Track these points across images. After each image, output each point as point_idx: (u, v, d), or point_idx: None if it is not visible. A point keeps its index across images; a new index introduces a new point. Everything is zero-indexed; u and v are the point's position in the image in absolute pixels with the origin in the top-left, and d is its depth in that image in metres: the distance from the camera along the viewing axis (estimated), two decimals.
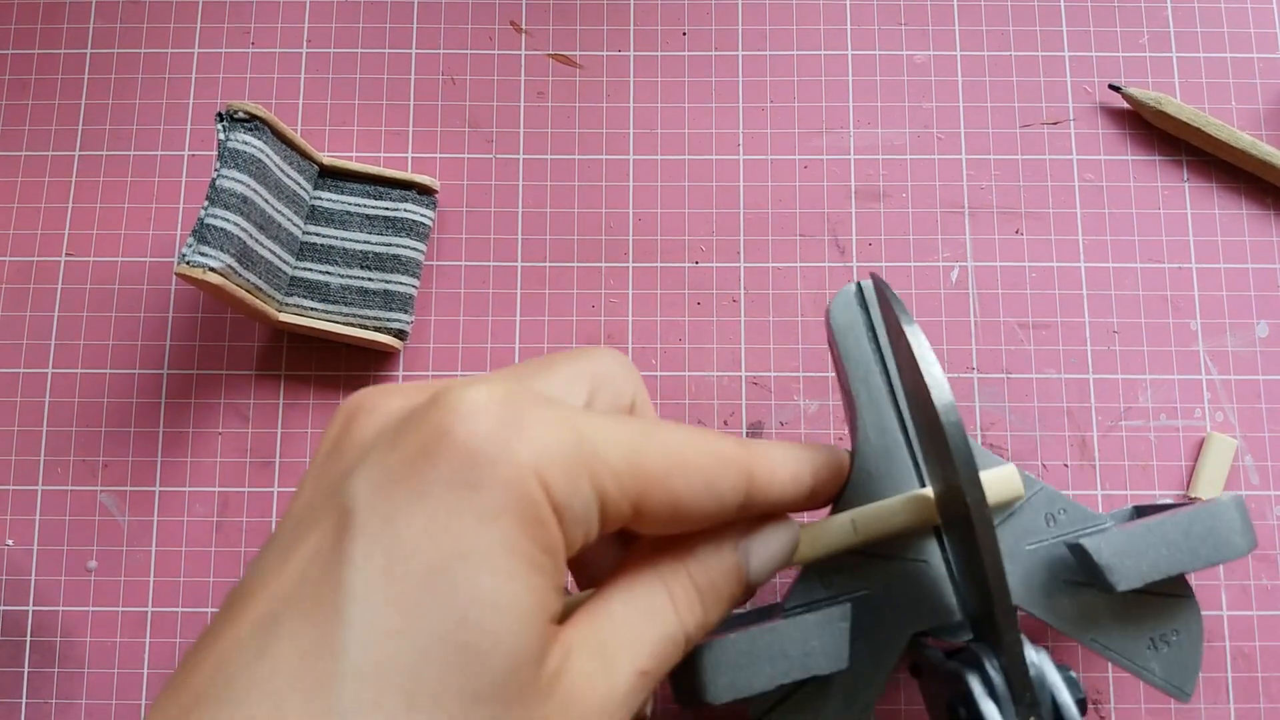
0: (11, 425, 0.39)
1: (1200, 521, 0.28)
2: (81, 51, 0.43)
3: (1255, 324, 0.40)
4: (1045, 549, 0.29)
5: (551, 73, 0.42)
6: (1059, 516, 0.30)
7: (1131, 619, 0.29)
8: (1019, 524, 0.29)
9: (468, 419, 0.19)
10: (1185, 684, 0.29)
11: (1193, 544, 0.28)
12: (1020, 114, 0.42)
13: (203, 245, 0.35)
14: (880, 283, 0.27)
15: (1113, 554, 0.27)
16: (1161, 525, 0.28)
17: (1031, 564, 0.29)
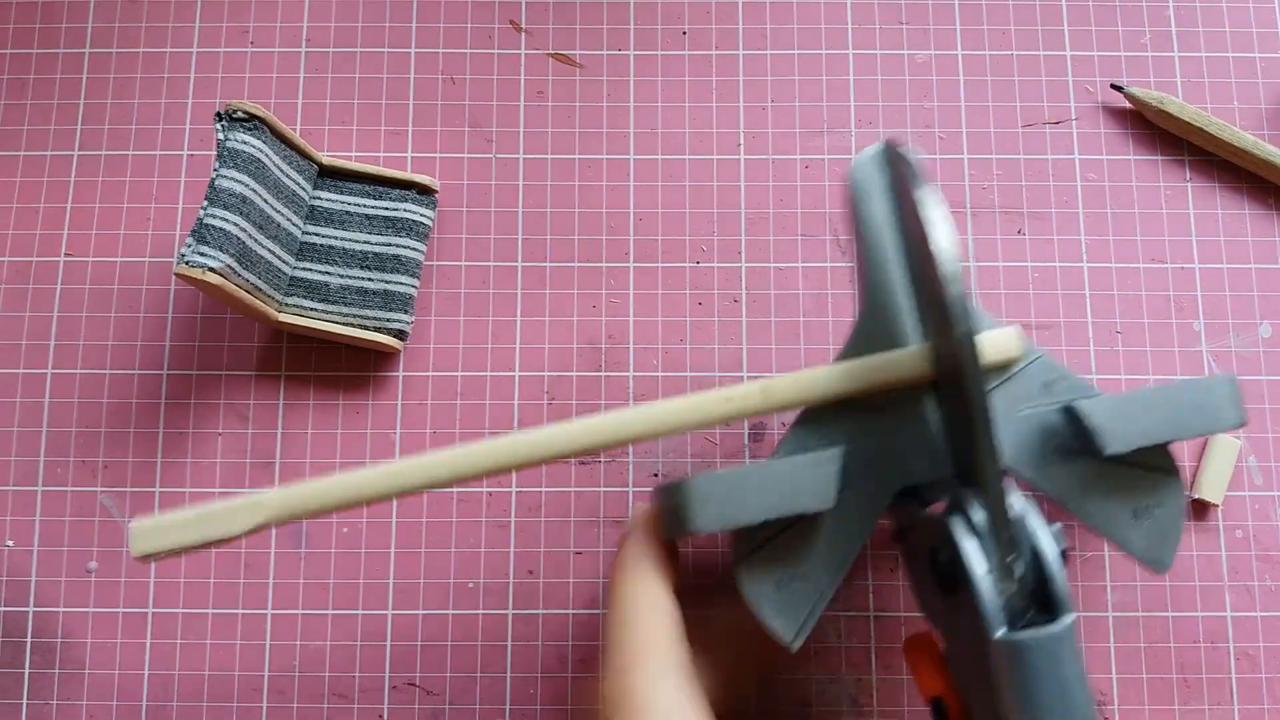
0: (11, 426, 0.39)
1: (1192, 392, 0.29)
2: (80, 51, 0.42)
3: (1259, 324, 0.39)
4: (1039, 415, 0.29)
5: (551, 72, 0.42)
6: (1055, 386, 0.30)
7: (1116, 490, 0.29)
8: (1014, 389, 0.30)
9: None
10: (1164, 555, 0.29)
11: (1183, 413, 0.28)
12: (1022, 113, 0.41)
13: (202, 245, 0.34)
14: (894, 144, 0.27)
15: (1105, 417, 0.28)
16: (1155, 393, 0.28)
17: (1024, 429, 0.29)
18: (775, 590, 0.28)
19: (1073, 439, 0.29)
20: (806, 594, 0.28)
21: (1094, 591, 0.37)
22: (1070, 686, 0.24)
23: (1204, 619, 0.37)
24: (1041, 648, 0.24)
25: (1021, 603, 0.26)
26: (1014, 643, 0.25)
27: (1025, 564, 0.26)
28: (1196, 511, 0.38)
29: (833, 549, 0.29)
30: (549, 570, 0.38)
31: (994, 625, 0.25)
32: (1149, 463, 0.29)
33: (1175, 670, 0.37)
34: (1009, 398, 0.30)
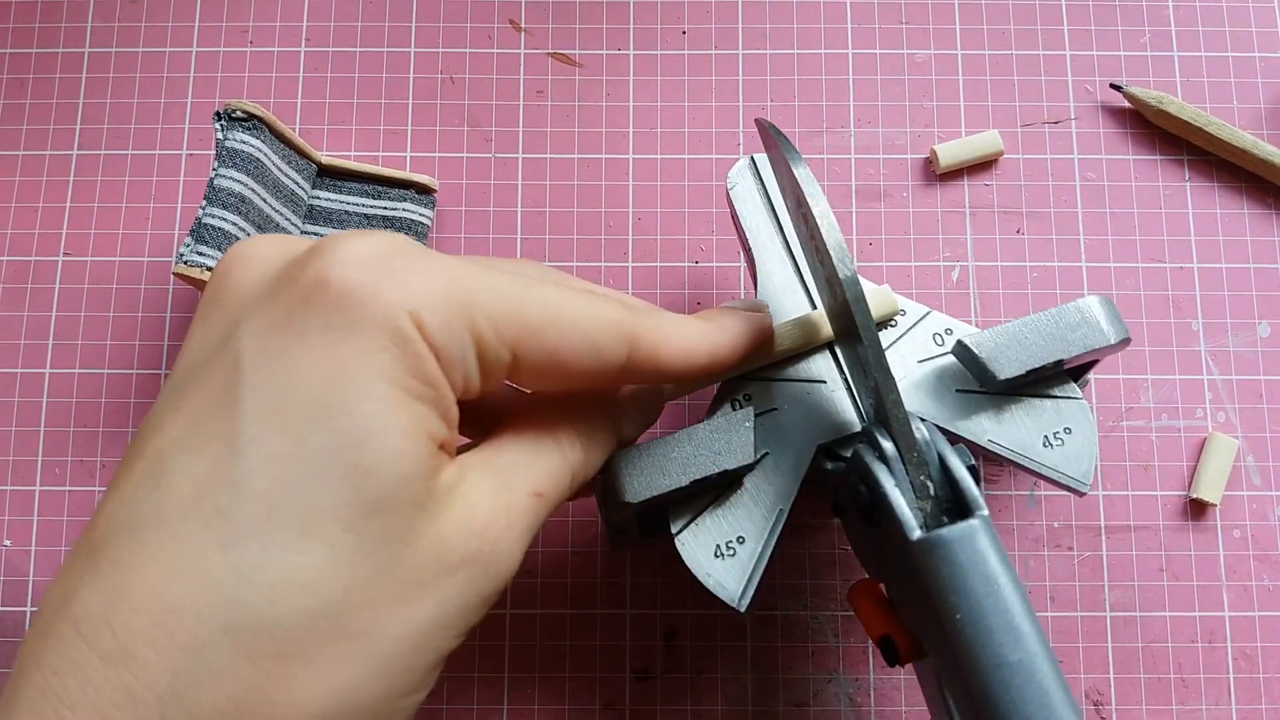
0: (9, 425, 0.39)
1: (1068, 314, 0.31)
2: (79, 50, 0.42)
3: (1257, 324, 0.39)
4: (935, 363, 0.32)
5: (551, 71, 0.42)
6: (946, 336, 0.32)
7: (1024, 421, 0.31)
8: (910, 343, 0.32)
9: (343, 265, 0.21)
10: (1082, 475, 0.30)
11: (1064, 333, 0.30)
12: (1021, 113, 0.41)
13: (201, 245, 0.34)
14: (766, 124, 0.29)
15: (993, 347, 0.30)
16: (1034, 320, 0.30)
17: (924, 377, 0.32)
18: (715, 556, 0.30)
19: (971, 378, 0.31)
20: (746, 557, 0.30)
21: (1091, 591, 0.37)
22: (995, 574, 0.25)
23: (1202, 619, 0.37)
24: (959, 541, 0.25)
25: (939, 519, 0.27)
26: (931, 540, 0.25)
27: (937, 483, 0.27)
28: (1194, 511, 0.38)
29: (764, 510, 0.31)
30: (547, 570, 0.38)
31: (911, 529, 0.26)
32: (1050, 393, 0.31)
33: (1173, 670, 0.37)
34: (905, 352, 0.32)
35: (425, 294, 0.21)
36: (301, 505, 0.19)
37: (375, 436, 0.20)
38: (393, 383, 0.20)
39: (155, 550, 0.19)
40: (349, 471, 0.20)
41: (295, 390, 0.20)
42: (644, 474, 0.29)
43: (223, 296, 0.23)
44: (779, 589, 0.38)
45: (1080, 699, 0.37)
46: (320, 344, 0.20)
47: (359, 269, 0.21)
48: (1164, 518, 0.38)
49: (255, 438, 0.20)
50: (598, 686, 0.37)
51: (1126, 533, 0.38)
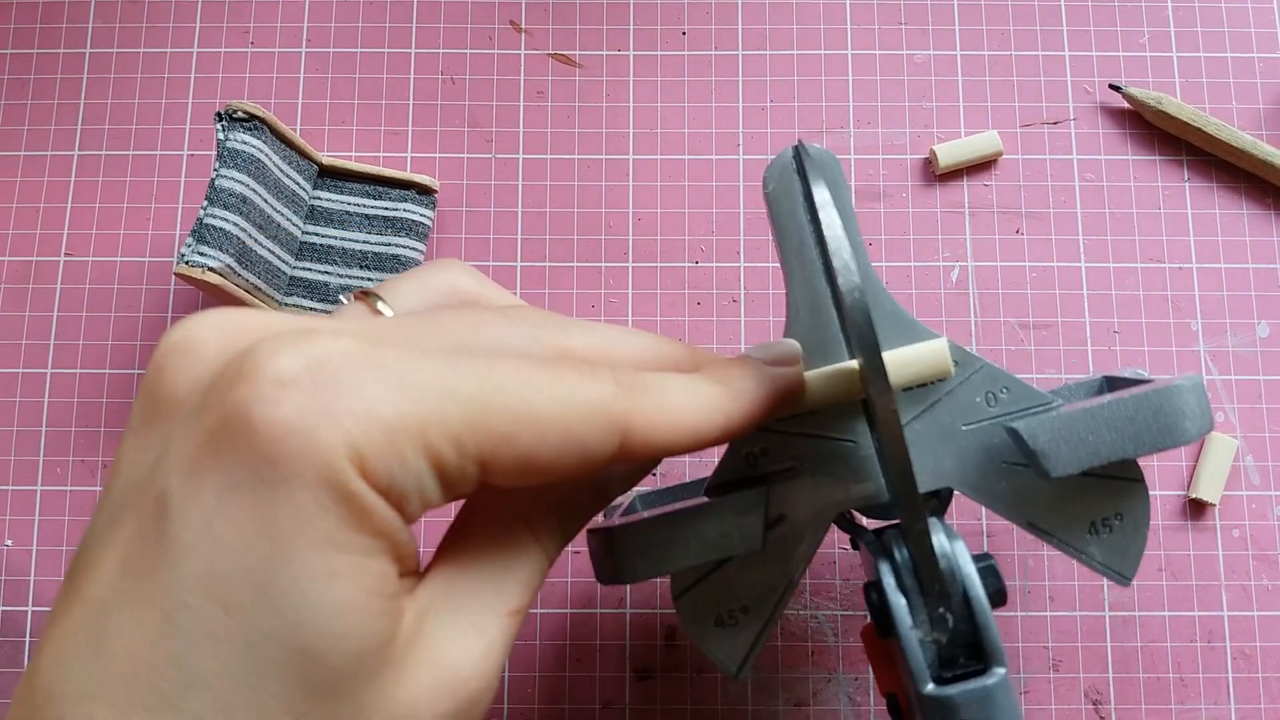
0: (10, 425, 0.39)
1: (1149, 405, 0.26)
2: (80, 51, 0.42)
3: (1256, 324, 0.40)
4: (984, 430, 0.28)
5: (551, 72, 0.42)
6: (1000, 395, 0.28)
7: (1073, 502, 0.28)
8: (956, 403, 0.28)
9: (269, 401, 0.18)
10: (1126, 569, 0.28)
11: (1137, 429, 0.26)
12: (1021, 114, 0.41)
13: (202, 245, 0.35)
14: (800, 150, 0.26)
15: (1049, 439, 0.26)
16: (1106, 409, 0.26)
17: (968, 445, 0.28)
18: (716, 625, 0.28)
19: (1020, 455, 0.27)
20: (748, 626, 0.28)
21: (1091, 591, 0.38)
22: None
23: (1201, 618, 0.37)
24: (972, 703, 0.24)
25: (955, 651, 0.25)
26: (942, 699, 0.24)
27: (957, 614, 0.25)
28: (1193, 511, 0.38)
29: (771, 580, 0.28)
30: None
31: (921, 683, 0.24)
32: (1109, 472, 0.28)
33: (1172, 669, 0.37)
34: (951, 413, 0.28)
35: (368, 428, 0.18)
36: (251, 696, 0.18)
37: (324, 618, 0.18)
38: (338, 549, 0.18)
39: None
40: (298, 658, 0.18)
41: (231, 556, 0.18)
42: (642, 554, 0.26)
43: (155, 404, 0.20)
44: None
45: (1080, 698, 0.37)
46: (252, 502, 0.18)
47: (287, 405, 0.18)
48: (1163, 517, 0.38)
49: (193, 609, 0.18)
50: (598, 686, 0.37)
51: None
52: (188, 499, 0.18)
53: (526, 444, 0.20)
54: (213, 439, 0.18)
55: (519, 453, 0.20)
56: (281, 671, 0.18)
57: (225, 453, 0.18)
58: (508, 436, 0.19)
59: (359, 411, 0.18)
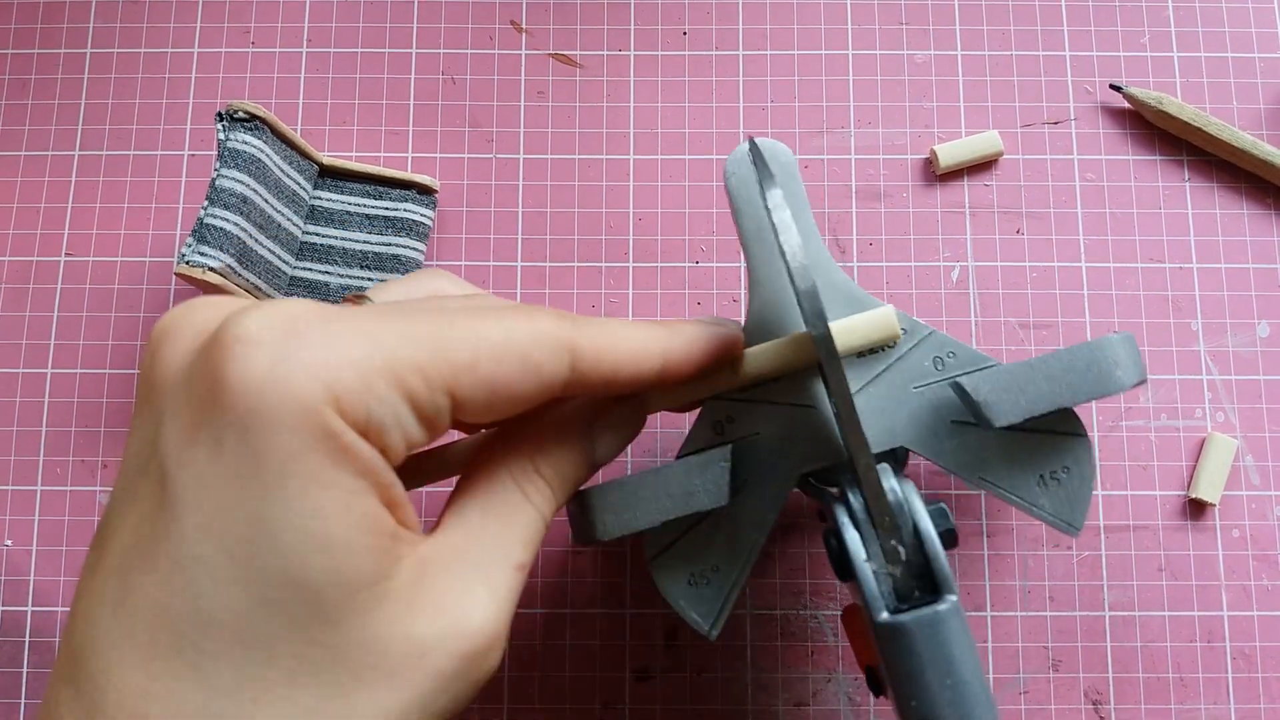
0: (11, 425, 0.39)
1: (1082, 356, 0.28)
2: (81, 51, 0.42)
3: (1256, 324, 0.40)
4: (932, 391, 0.30)
5: (552, 72, 0.42)
6: (948, 360, 0.30)
7: (1020, 457, 0.29)
8: (907, 367, 0.30)
9: (241, 359, 0.19)
10: (1074, 519, 0.29)
11: (1073, 378, 0.28)
12: (1021, 114, 0.41)
13: (202, 245, 0.35)
14: (753, 145, 0.28)
15: (990, 390, 0.28)
16: (1044, 361, 0.28)
17: (919, 406, 0.30)
18: (689, 585, 0.30)
19: (967, 412, 0.29)
20: (719, 585, 0.30)
21: (1091, 591, 0.38)
22: (957, 665, 0.25)
23: (1200, 618, 0.37)
24: (924, 628, 0.25)
25: (910, 583, 0.26)
26: (895, 625, 0.25)
27: (909, 548, 0.26)
28: (1193, 511, 0.38)
29: (740, 540, 0.30)
30: (547, 570, 0.38)
31: (875, 610, 0.26)
32: (1052, 427, 0.29)
33: (1171, 669, 0.37)
34: (902, 376, 0.30)
35: (339, 369, 0.19)
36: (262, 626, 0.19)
37: (319, 553, 0.19)
38: (325, 485, 0.19)
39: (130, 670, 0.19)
40: (298, 589, 0.19)
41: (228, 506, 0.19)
42: (616, 512, 0.28)
43: (148, 390, 0.22)
44: (779, 589, 0.38)
45: (1079, 698, 0.37)
46: (240, 453, 0.19)
47: (259, 361, 0.19)
48: (1163, 517, 0.38)
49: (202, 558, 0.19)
50: (598, 686, 0.37)
51: (1126, 532, 0.38)
52: (183, 462, 0.19)
53: (487, 369, 0.21)
54: (199, 405, 0.20)
55: (481, 377, 0.21)
56: (285, 604, 0.19)
57: (211, 414, 0.19)
58: (469, 364, 0.21)
59: (328, 356, 0.20)
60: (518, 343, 0.22)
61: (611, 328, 0.24)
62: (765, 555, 0.38)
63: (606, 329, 0.24)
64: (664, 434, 0.39)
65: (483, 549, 0.23)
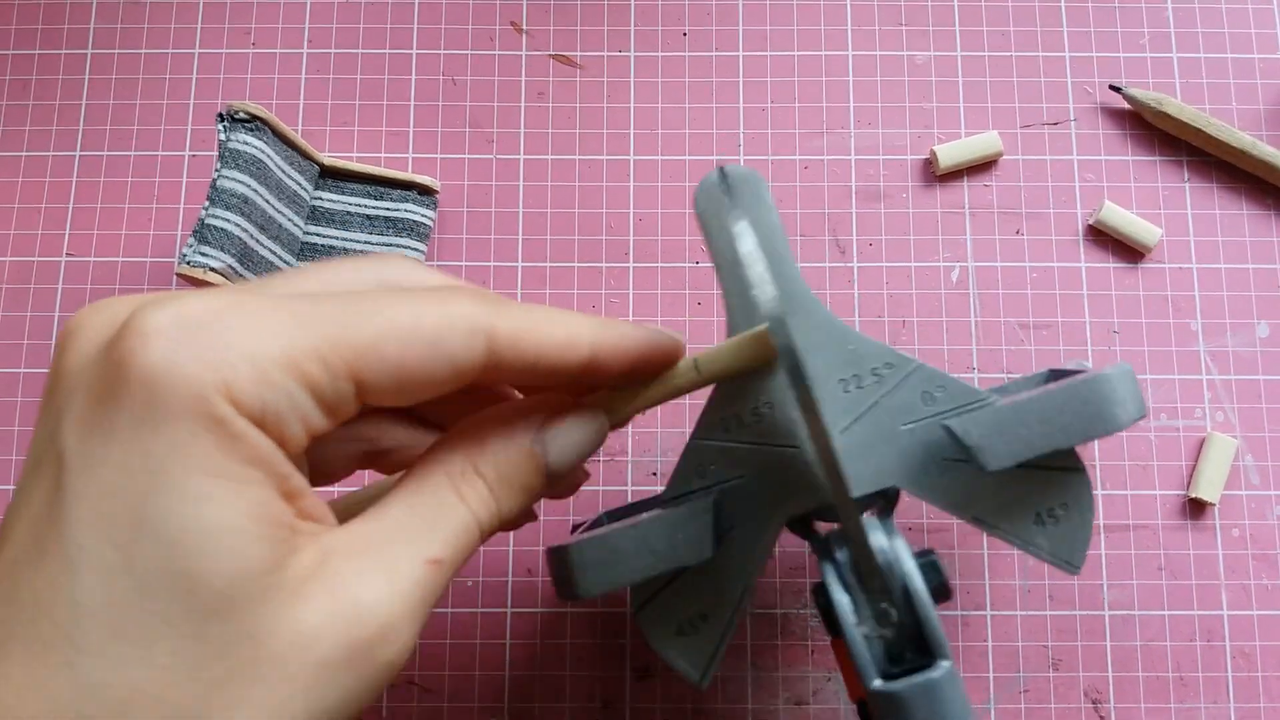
0: (12, 425, 0.39)
1: (1078, 395, 0.26)
2: (82, 52, 0.43)
3: (1256, 324, 0.40)
4: (923, 428, 0.28)
5: (552, 73, 0.42)
6: (937, 394, 0.28)
7: (1016, 495, 0.28)
8: (894, 404, 0.29)
9: (142, 349, 0.19)
10: (1074, 557, 0.28)
11: (1068, 418, 0.26)
12: (1021, 114, 0.42)
13: (203, 245, 0.35)
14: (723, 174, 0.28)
15: (981, 434, 0.27)
16: (1036, 402, 0.27)
17: (909, 444, 0.28)
18: (678, 635, 0.29)
19: (959, 450, 0.28)
20: (709, 634, 0.28)
21: (1090, 590, 0.38)
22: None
23: (1200, 617, 0.37)
24: (918, 696, 0.24)
25: (903, 644, 0.25)
26: (890, 694, 0.24)
27: (900, 608, 0.25)
28: (1193, 510, 0.38)
29: (728, 587, 0.28)
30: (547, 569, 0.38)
31: (868, 678, 0.25)
32: (1049, 463, 0.28)
33: (1171, 669, 0.37)
34: (890, 413, 0.29)
35: (235, 359, 0.19)
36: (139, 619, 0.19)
37: (202, 539, 0.19)
38: (213, 474, 0.19)
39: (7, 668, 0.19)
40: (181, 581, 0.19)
41: (116, 495, 0.19)
42: (596, 569, 0.27)
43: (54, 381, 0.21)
44: (779, 589, 0.38)
45: (1079, 697, 0.37)
46: (131, 441, 0.19)
47: (159, 348, 0.19)
48: (1163, 517, 0.38)
49: (85, 549, 0.19)
50: (597, 685, 0.37)
51: (1125, 532, 0.38)
52: (79, 451, 0.19)
53: (393, 353, 0.21)
54: (98, 396, 0.19)
55: (388, 361, 0.21)
56: (167, 595, 0.19)
57: (108, 403, 0.19)
58: (372, 347, 0.20)
59: (223, 346, 0.19)
60: (427, 325, 0.21)
61: (537, 313, 0.23)
62: None
63: (531, 314, 0.23)
64: (664, 433, 0.39)
65: (391, 539, 0.22)
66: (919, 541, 0.38)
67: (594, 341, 0.24)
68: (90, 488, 0.19)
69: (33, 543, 0.20)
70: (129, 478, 0.19)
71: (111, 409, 0.19)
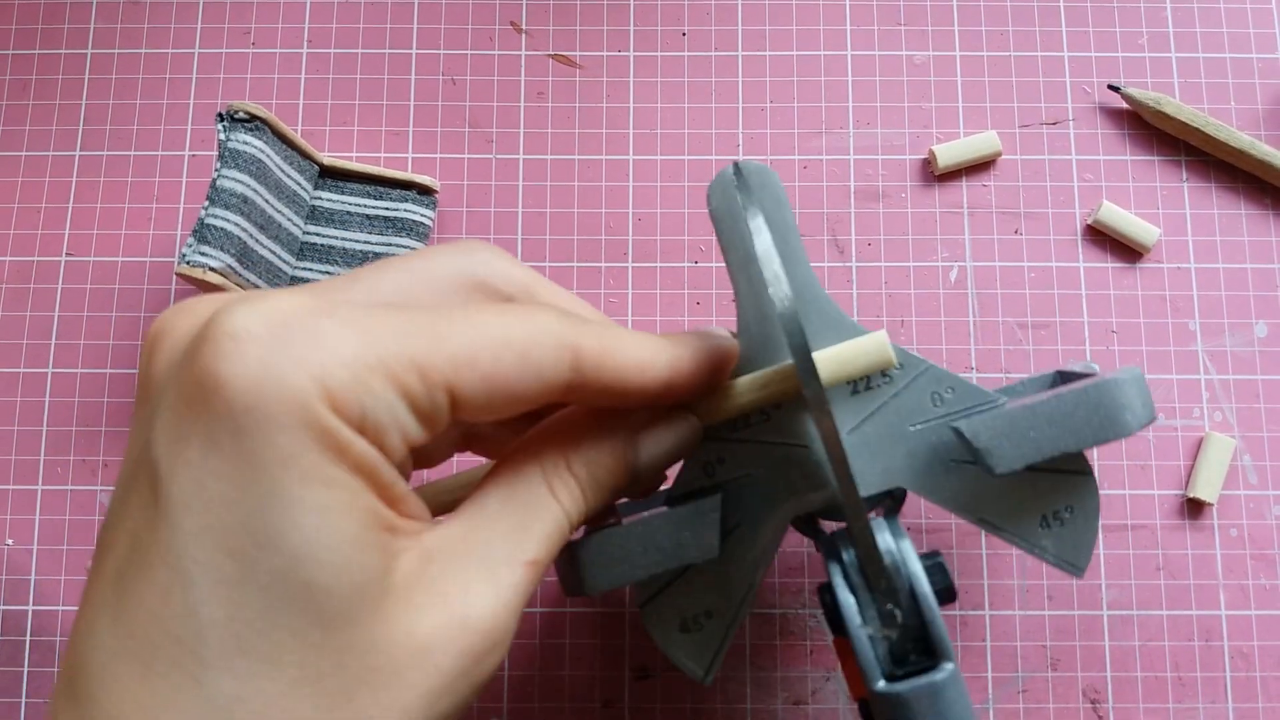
0: (11, 425, 0.39)
1: (1088, 400, 0.26)
2: (82, 52, 0.43)
3: (1254, 324, 0.40)
4: (931, 429, 0.28)
5: (551, 73, 0.42)
6: (946, 396, 0.29)
7: (1022, 497, 0.28)
8: (903, 404, 0.29)
9: (233, 357, 0.18)
10: (1079, 560, 0.28)
11: (1077, 422, 0.26)
12: (1019, 114, 0.42)
13: (203, 245, 0.35)
14: (738, 169, 0.28)
15: (991, 436, 0.27)
16: (1046, 405, 0.27)
17: (917, 445, 0.28)
18: (682, 631, 0.29)
19: (967, 452, 0.28)
20: (713, 630, 0.29)
21: (1089, 590, 0.38)
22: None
23: (1199, 617, 0.37)
24: (922, 699, 0.24)
25: (906, 646, 0.26)
26: (893, 695, 0.24)
27: (905, 610, 0.26)
28: (1191, 510, 0.38)
29: (733, 584, 0.29)
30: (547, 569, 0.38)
31: (872, 679, 0.25)
32: (1056, 466, 0.28)
33: (1170, 668, 0.37)
34: (899, 414, 0.29)
35: (332, 366, 0.19)
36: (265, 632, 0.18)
37: (321, 550, 0.19)
38: (325, 484, 0.19)
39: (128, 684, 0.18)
40: (302, 592, 0.19)
41: (226, 507, 0.18)
42: (604, 566, 0.27)
43: (143, 391, 0.21)
44: (778, 588, 0.38)
45: (1078, 697, 0.37)
46: (235, 453, 0.18)
47: (251, 358, 0.18)
48: (1161, 517, 0.38)
49: (199, 562, 0.18)
50: (597, 685, 0.37)
51: (1124, 531, 0.38)
52: (176, 463, 0.19)
53: (485, 366, 0.21)
54: (189, 404, 0.19)
55: (480, 374, 0.20)
56: (290, 606, 0.18)
57: (202, 413, 0.19)
58: (467, 361, 0.20)
59: (320, 352, 0.19)
60: (516, 339, 0.21)
61: (616, 333, 0.23)
62: None
63: (611, 333, 0.23)
64: None
65: (491, 541, 0.22)
66: (918, 541, 0.38)
67: (672, 362, 0.24)
68: (194, 499, 0.19)
69: (136, 554, 0.19)
70: (239, 489, 0.18)
71: (207, 419, 0.19)
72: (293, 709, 0.19)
